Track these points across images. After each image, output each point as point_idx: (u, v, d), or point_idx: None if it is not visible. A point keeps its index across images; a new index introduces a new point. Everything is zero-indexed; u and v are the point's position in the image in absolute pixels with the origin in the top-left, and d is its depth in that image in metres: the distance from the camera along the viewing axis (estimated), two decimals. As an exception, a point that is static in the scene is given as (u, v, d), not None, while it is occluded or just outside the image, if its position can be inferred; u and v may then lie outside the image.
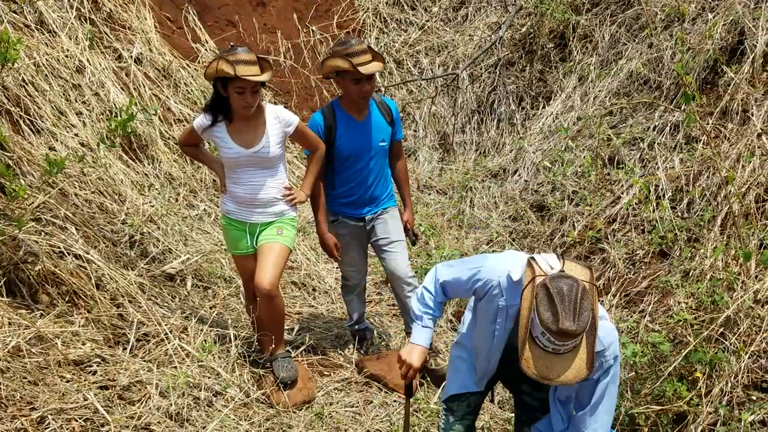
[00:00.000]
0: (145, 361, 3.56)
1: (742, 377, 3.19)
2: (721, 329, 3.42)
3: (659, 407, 3.31)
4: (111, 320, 3.71)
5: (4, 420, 2.81)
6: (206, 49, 7.09)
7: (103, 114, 5.52)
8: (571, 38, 7.09)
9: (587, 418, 2.46)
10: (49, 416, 2.93)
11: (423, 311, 2.70)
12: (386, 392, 4.00)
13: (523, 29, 7.78)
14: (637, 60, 6.09)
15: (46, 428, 2.88)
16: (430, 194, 6.93)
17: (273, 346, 3.79)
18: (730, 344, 3.34)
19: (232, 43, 3.46)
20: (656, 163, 5.02)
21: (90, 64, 5.71)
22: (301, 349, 4.28)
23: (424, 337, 2.70)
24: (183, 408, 3.32)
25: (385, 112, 3.90)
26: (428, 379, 4.14)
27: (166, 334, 3.72)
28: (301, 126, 3.71)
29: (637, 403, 3.42)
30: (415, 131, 7.80)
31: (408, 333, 4.18)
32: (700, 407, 3.18)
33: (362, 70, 3.56)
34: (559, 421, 2.56)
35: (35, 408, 2.94)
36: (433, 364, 4.10)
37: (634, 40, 6.36)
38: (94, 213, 4.52)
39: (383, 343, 4.57)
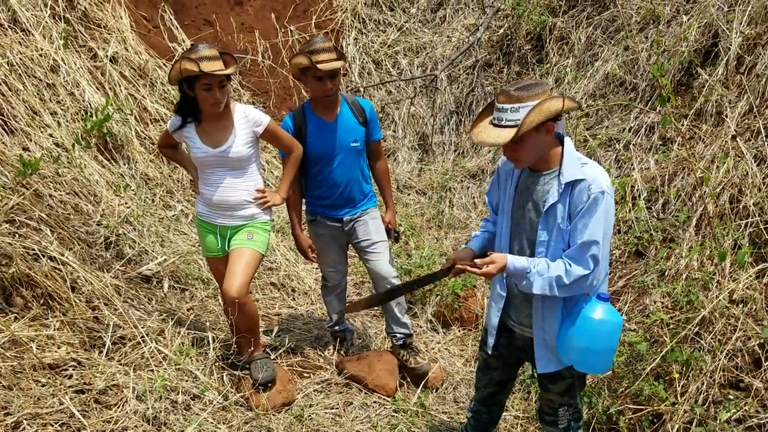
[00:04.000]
0: (121, 364, 3.51)
1: (718, 376, 3.24)
2: (697, 329, 3.47)
3: (637, 407, 3.35)
4: (86, 323, 3.65)
5: (-23, 426, 2.76)
6: (183, 48, 7.03)
7: (78, 114, 5.45)
8: (547, 40, 7.15)
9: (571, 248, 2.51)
10: (24, 421, 2.88)
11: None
12: (366, 393, 3.99)
13: (501, 31, 7.83)
14: (612, 62, 6.15)
15: (20, 434, 2.83)
16: (409, 194, 6.94)
17: (251, 348, 3.77)
18: (706, 343, 3.39)
19: (192, 43, 3.43)
20: (632, 164, 5.08)
21: (65, 64, 5.63)
22: (281, 351, 4.26)
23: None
24: (160, 412, 3.28)
25: (358, 112, 3.88)
26: (408, 378, 4.14)
27: (143, 336, 3.68)
28: (272, 126, 3.65)
29: (615, 402, 3.45)
30: (395, 132, 7.81)
31: (389, 333, 4.18)
32: (676, 406, 3.22)
33: (321, 66, 3.56)
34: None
35: (10, 413, 2.88)
36: (412, 363, 4.11)
37: (610, 42, 6.43)
38: (69, 214, 4.46)
39: (363, 343, 4.56)
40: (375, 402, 3.93)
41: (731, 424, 3.03)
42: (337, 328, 4.41)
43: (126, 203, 5.08)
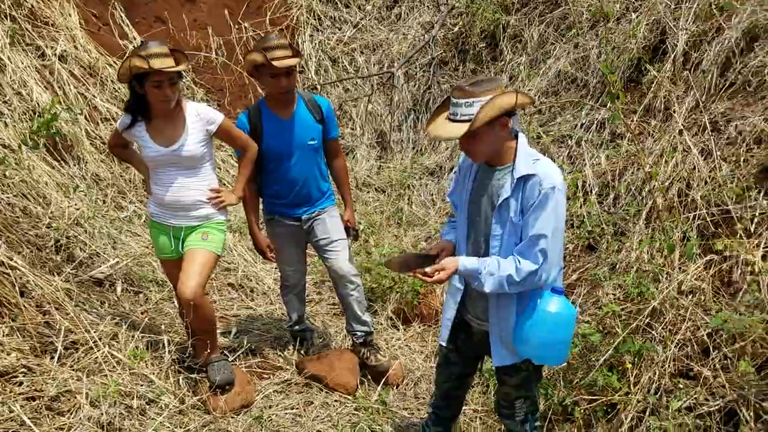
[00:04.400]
0: (73, 370, 3.43)
1: (669, 366, 3.32)
2: (648, 320, 3.56)
3: (592, 397, 3.42)
4: (37, 328, 3.55)
5: None
6: (134, 46, 6.88)
7: (25, 114, 5.30)
8: (501, 38, 7.22)
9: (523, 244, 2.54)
10: (-29, 432, 2.80)
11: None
12: (327, 392, 3.98)
13: (456, 29, 7.87)
14: (564, 59, 6.25)
15: (-33, 445, 2.74)
16: (368, 192, 6.94)
17: (208, 351, 3.72)
18: (657, 334, 3.47)
19: (143, 40, 3.37)
20: (583, 160, 5.17)
21: (11, 62, 5.47)
22: (239, 352, 4.22)
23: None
24: (115, 417, 3.22)
25: (315, 110, 3.86)
26: (369, 376, 4.15)
27: (96, 341, 3.60)
28: (226, 124, 3.61)
29: (570, 393, 3.52)
30: (353, 129, 7.80)
31: (349, 331, 4.18)
32: (630, 396, 3.30)
33: (276, 63, 3.53)
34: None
35: (-44, 424, 2.80)
36: (373, 360, 4.11)
37: (562, 40, 6.52)
38: (17, 217, 4.33)
39: (323, 342, 4.55)
40: (336, 401, 3.92)
41: (682, 413, 3.12)
42: (297, 327, 4.39)
43: (76, 205, 4.96)
